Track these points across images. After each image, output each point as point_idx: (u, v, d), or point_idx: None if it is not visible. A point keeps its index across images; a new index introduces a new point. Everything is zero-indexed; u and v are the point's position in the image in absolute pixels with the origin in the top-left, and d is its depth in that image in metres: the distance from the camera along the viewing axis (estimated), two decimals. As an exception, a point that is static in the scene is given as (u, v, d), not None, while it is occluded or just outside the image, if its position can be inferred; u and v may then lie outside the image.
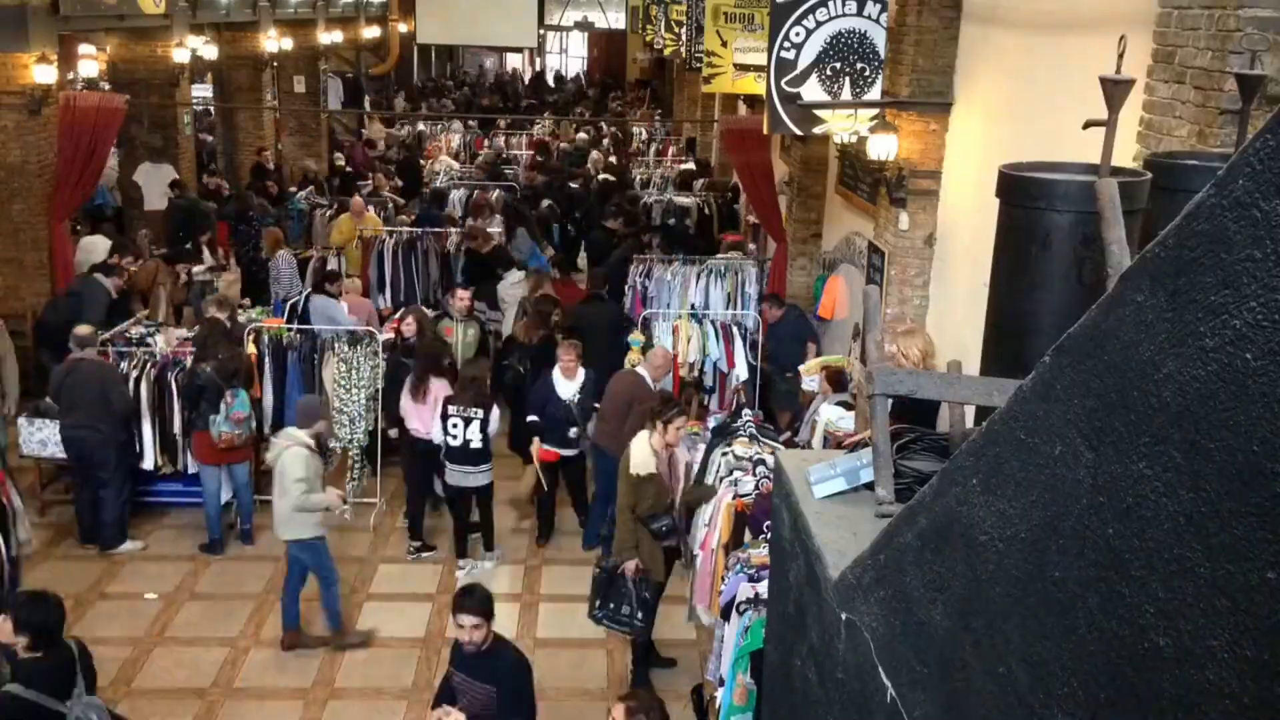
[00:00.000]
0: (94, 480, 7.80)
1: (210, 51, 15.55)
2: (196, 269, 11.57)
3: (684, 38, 14.92)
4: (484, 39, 21.32)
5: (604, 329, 9.52)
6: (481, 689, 4.64)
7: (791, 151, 11.18)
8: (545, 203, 15.11)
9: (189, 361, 8.08)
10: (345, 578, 7.63)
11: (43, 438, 8.11)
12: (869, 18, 7.66)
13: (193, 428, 7.88)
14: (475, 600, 4.65)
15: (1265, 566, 0.94)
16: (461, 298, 9.69)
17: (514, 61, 37.51)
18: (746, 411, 7.29)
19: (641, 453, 6.28)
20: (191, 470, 8.21)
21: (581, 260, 13.48)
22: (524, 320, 9.44)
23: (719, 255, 11.95)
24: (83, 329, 7.87)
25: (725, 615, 5.41)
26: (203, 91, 19.17)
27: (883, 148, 7.54)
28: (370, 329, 8.98)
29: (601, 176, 16.91)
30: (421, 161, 18.78)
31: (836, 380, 7.55)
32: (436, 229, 12.65)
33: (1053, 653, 1.28)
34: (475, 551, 7.92)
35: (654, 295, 10.69)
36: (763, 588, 4.89)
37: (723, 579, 5.70)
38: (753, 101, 12.67)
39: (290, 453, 6.60)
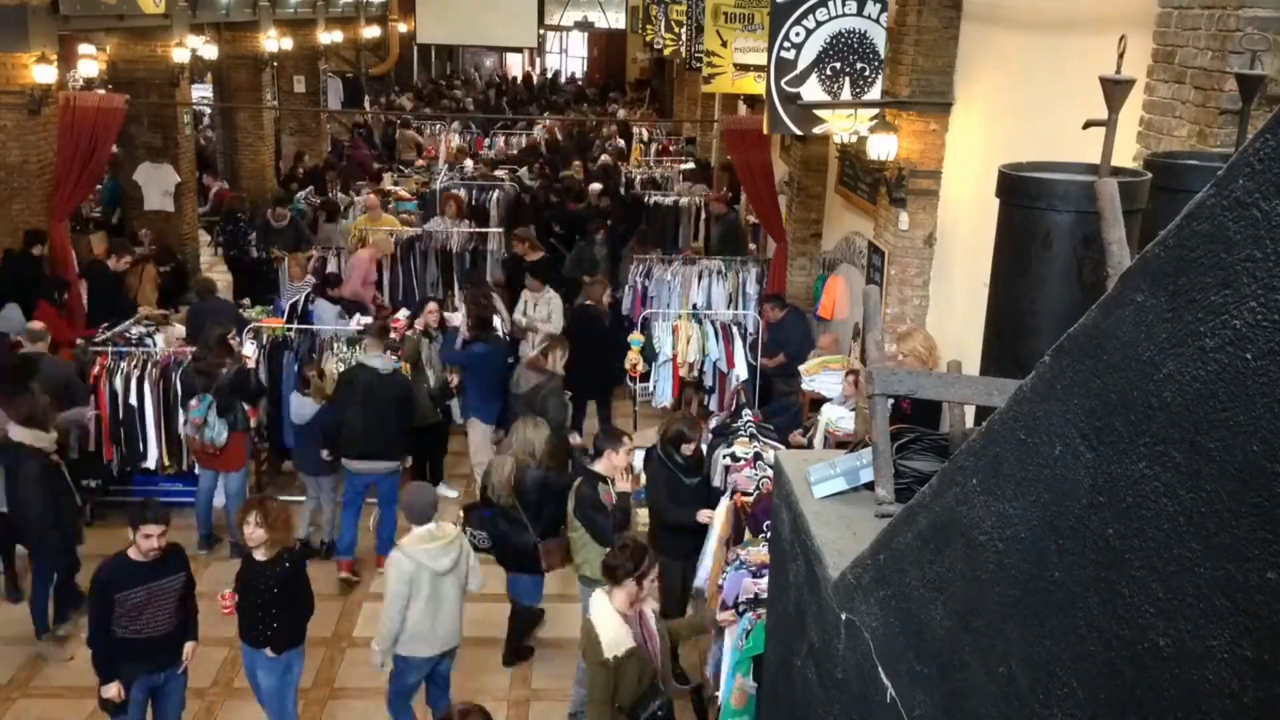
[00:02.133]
0: None
1: (210, 51, 15.54)
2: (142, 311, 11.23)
3: (684, 38, 14.91)
4: (484, 39, 21.31)
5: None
6: (172, 580, 5.43)
7: (791, 151, 11.18)
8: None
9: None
10: (345, 578, 7.63)
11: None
12: (869, 18, 7.67)
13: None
14: (156, 511, 5.36)
15: (1265, 566, 0.94)
16: (431, 310, 9.20)
17: (513, 61, 37.48)
18: (746, 411, 7.29)
19: (610, 627, 4.72)
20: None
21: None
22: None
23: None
24: (35, 324, 8.16)
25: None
26: (203, 91, 19.17)
27: (883, 148, 7.55)
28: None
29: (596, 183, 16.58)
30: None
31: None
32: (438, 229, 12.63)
33: (1053, 653, 1.28)
34: None
35: (654, 295, 10.70)
36: (763, 584, 4.89)
37: (722, 575, 5.70)
38: (753, 101, 12.67)
39: None
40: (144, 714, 5.53)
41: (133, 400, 8.09)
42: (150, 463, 8.24)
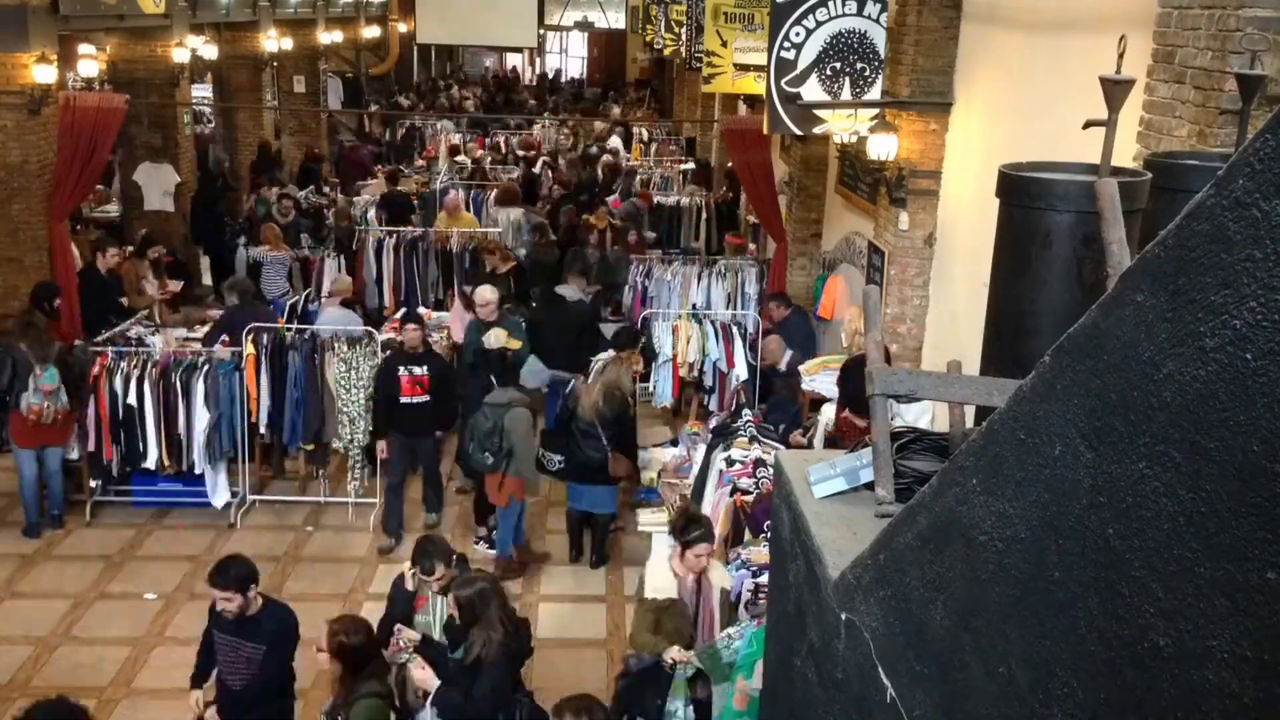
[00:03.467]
0: None
1: (210, 51, 15.54)
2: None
3: (684, 38, 14.91)
4: (484, 39, 21.34)
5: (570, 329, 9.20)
6: (250, 647, 5.00)
7: (791, 151, 11.18)
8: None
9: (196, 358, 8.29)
10: (345, 578, 7.63)
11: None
12: (869, 18, 7.67)
13: (6, 408, 7.95)
14: (227, 577, 4.95)
15: (1265, 566, 0.94)
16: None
17: (513, 60, 37.50)
18: (746, 411, 7.30)
19: (658, 571, 5.13)
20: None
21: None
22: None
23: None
24: None
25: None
26: (203, 91, 19.17)
27: (883, 148, 7.55)
28: (369, 329, 8.98)
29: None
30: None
31: None
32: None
33: (1053, 653, 1.28)
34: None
35: (654, 295, 10.71)
36: (763, 581, 4.90)
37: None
38: (753, 101, 12.67)
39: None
40: None
41: (132, 400, 8.09)
42: (150, 463, 8.24)
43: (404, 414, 8.00)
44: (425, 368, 8.02)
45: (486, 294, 8.50)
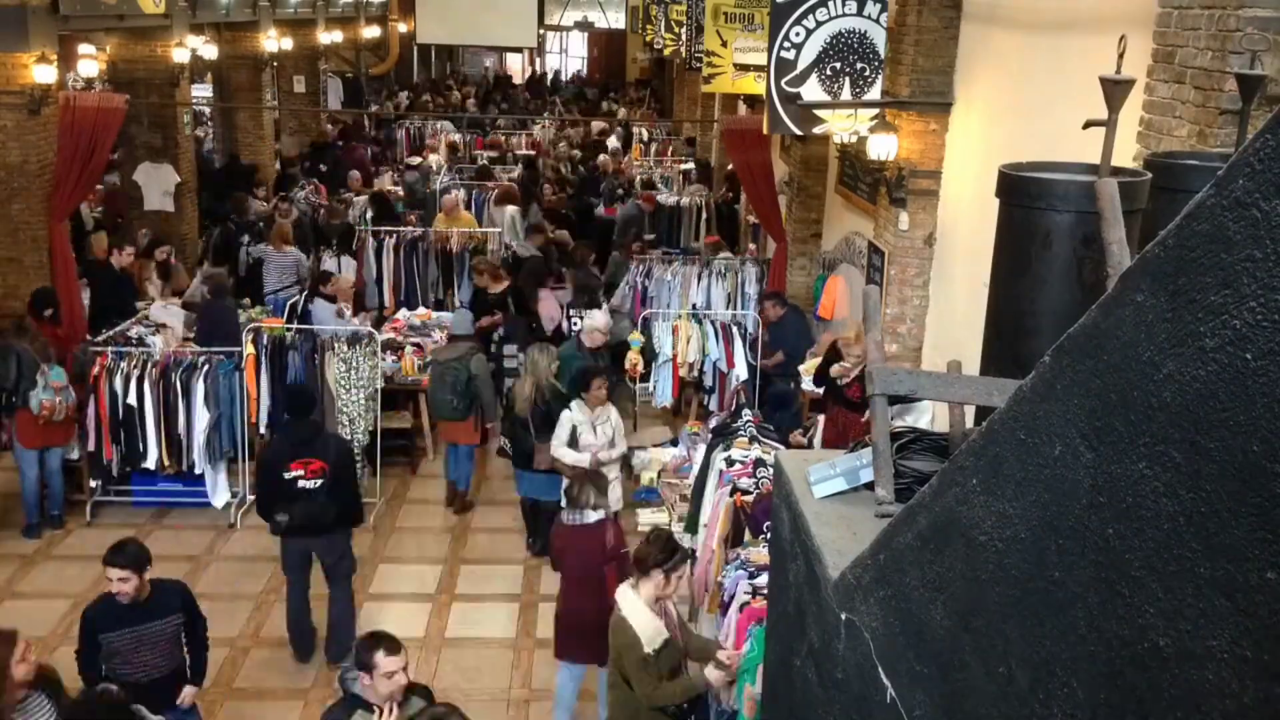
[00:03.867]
0: None
1: (210, 51, 15.54)
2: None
3: (684, 38, 14.92)
4: (484, 39, 21.34)
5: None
6: (161, 624, 5.00)
7: (791, 151, 11.18)
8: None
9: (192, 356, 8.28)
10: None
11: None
12: (869, 18, 7.67)
13: (13, 408, 7.94)
14: (125, 556, 4.93)
15: (1265, 566, 0.94)
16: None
17: (513, 61, 37.48)
18: (746, 411, 7.29)
19: (643, 620, 4.80)
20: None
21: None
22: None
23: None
24: None
25: (725, 611, 5.41)
26: (203, 91, 19.16)
27: (883, 148, 7.55)
28: (370, 329, 8.98)
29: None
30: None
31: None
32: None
33: (1053, 653, 1.28)
34: None
35: (654, 295, 10.70)
36: (761, 581, 4.90)
37: (720, 575, 5.70)
38: (753, 101, 12.67)
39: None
40: None
41: (132, 400, 8.09)
42: (150, 463, 8.24)
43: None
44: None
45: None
